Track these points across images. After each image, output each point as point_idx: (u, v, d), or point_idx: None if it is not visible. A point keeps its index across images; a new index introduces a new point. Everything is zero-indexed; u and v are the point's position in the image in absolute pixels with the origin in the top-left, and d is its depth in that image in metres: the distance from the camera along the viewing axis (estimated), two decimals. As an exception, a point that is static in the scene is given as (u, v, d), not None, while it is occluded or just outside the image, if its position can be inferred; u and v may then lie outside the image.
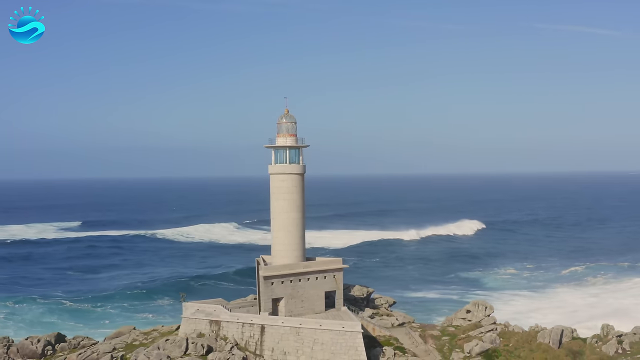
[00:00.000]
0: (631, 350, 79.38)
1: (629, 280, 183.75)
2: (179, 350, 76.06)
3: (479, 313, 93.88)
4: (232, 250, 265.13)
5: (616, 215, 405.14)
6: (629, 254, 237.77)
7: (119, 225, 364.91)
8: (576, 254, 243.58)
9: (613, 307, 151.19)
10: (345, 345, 73.97)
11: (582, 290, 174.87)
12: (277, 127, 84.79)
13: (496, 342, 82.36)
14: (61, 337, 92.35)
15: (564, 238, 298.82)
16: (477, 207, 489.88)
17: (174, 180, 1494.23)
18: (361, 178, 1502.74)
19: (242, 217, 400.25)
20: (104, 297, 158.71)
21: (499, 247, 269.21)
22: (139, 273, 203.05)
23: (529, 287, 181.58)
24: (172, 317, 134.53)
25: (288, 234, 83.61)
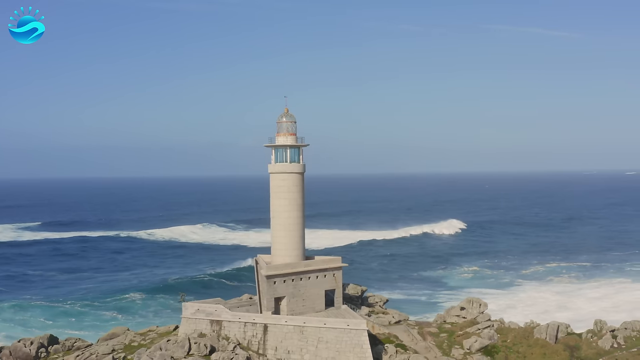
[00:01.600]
0: (626, 344, 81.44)
1: (594, 281, 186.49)
2: (182, 351, 75.49)
3: (473, 310, 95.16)
4: (216, 250, 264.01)
5: (576, 215, 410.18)
6: (589, 253, 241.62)
7: (101, 225, 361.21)
8: (538, 253, 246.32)
9: (583, 305, 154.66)
10: (351, 343, 74.30)
11: (548, 289, 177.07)
12: (277, 126, 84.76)
13: (494, 338, 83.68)
14: (54, 339, 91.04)
15: (526, 237, 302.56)
16: (437, 207, 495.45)
17: (146, 179, 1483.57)
18: (311, 178, 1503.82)
19: (224, 217, 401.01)
20: (87, 298, 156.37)
21: (464, 246, 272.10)
22: (124, 274, 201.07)
23: (496, 286, 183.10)
24: (160, 317, 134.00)
25: (289, 233, 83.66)
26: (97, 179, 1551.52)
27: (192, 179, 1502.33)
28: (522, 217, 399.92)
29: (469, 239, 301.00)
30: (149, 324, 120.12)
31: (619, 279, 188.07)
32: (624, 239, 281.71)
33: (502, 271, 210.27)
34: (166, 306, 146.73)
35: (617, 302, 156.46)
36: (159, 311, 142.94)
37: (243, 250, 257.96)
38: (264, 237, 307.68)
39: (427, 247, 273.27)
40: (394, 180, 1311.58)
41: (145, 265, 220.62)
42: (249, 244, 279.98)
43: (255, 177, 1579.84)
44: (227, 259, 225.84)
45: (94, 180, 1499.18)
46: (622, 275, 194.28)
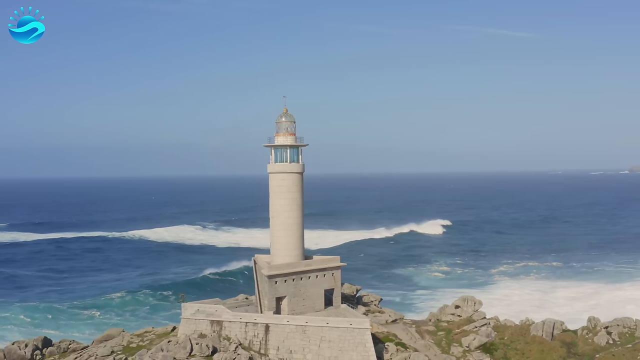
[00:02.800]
0: (620, 340, 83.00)
1: (565, 280, 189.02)
2: (184, 352, 75.09)
3: (468, 308, 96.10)
4: (205, 251, 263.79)
5: (548, 216, 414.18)
6: (558, 253, 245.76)
7: (86, 226, 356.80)
8: (507, 253, 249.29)
9: (557, 303, 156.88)
10: (354, 342, 74.62)
11: (521, 288, 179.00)
12: (276, 126, 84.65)
13: (492, 335, 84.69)
14: (48, 341, 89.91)
15: (498, 237, 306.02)
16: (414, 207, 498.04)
17: (112, 179, 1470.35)
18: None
19: (207, 217, 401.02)
20: (75, 300, 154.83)
21: (437, 245, 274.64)
22: (110, 276, 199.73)
23: (469, 285, 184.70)
24: (153, 318, 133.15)
25: (289, 233, 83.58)
26: (71, 179, 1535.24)
27: (158, 179, 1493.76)
28: (492, 217, 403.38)
29: (442, 238, 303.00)
30: (142, 325, 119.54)
31: (591, 278, 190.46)
32: (594, 240, 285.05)
33: (472, 269, 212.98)
34: (158, 307, 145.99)
35: (591, 301, 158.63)
36: (151, 312, 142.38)
37: (233, 250, 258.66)
38: (253, 236, 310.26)
39: (400, 246, 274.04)
40: (360, 180, 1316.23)
41: (132, 266, 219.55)
42: (239, 244, 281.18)
43: (226, 177, 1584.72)
44: (217, 260, 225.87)
45: (67, 180, 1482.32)
46: (593, 275, 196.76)
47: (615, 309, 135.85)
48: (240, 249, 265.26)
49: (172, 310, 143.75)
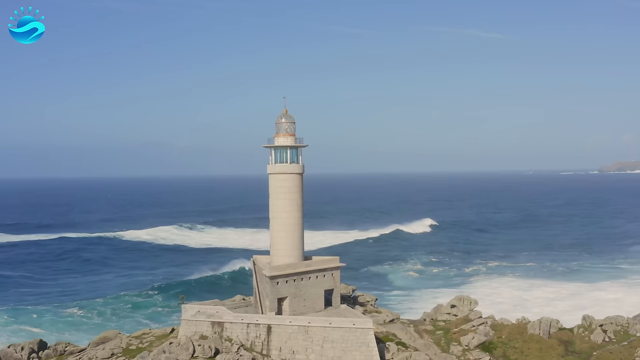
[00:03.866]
0: (616, 338, 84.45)
1: (540, 280, 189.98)
2: (187, 354, 74.81)
3: (464, 308, 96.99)
4: (196, 252, 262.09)
5: (526, 216, 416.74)
6: (530, 252, 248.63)
7: (72, 227, 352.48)
8: (482, 252, 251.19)
9: (536, 303, 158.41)
10: (357, 342, 74.94)
11: (497, 287, 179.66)
12: (276, 127, 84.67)
13: (490, 334, 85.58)
14: (43, 344, 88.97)
15: (474, 237, 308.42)
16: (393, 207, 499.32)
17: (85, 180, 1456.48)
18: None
19: (193, 218, 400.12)
20: (65, 301, 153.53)
21: (411, 246, 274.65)
22: (99, 277, 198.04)
23: (444, 285, 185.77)
24: (146, 320, 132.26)
25: (289, 234, 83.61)
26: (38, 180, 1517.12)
27: (125, 180, 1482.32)
28: (469, 217, 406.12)
29: (423, 238, 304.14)
30: (132, 326, 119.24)
31: (569, 278, 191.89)
32: (567, 240, 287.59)
33: (446, 268, 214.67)
34: (145, 308, 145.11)
35: (573, 301, 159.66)
36: (144, 314, 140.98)
37: (223, 251, 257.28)
38: (242, 237, 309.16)
39: (379, 246, 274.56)
40: (326, 180, 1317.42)
41: (117, 268, 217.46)
42: (229, 245, 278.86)
43: (199, 178, 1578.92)
44: (209, 260, 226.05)
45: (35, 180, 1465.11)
46: (571, 275, 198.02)
47: (599, 309, 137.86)
48: (222, 249, 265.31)
49: (163, 311, 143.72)
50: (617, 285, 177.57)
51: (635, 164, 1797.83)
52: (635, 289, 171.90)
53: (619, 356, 78.02)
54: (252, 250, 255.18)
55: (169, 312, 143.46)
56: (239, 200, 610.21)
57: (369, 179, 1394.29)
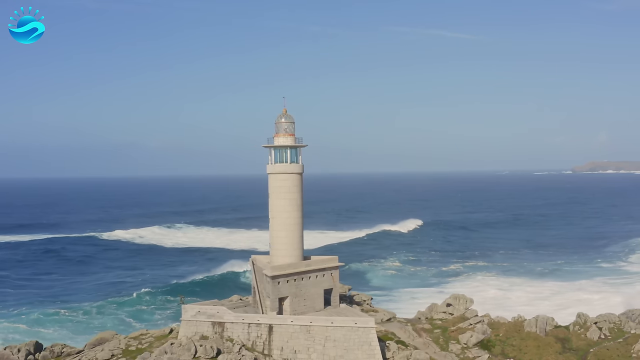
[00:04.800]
0: (611, 335, 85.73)
1: (517, 279, 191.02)
2: (189, 354, 74.62)
3: (459, 306, 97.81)
4: (188, 252, 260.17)
5: (498, 216, 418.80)
6: (506, 251, 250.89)
7: (41, 228, 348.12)
8: (455, 252, 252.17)
9: (519, 302, 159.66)
10: (359, 341, 75.27)
11: (476, 287, 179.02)
12: (276, 127, 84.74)
13: (487, 332, 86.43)
14: (39, 346, 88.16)
15: (450, 237, 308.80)
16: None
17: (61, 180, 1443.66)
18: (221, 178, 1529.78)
19: (182, 218, 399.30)
20: (55, 303, 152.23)
21: (390, 245, 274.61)
22: (89, 277, 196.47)
23: (421, 285, 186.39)
24: (140, 321, 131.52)
25: (290, 233, 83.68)
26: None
27: (100, 180, 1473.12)
28: (446, 217, 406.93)
29: (394, 238, 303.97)
30: (126, 328, 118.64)
31: (548, 277, 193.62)
32: (543, 240, 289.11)
33: (424, 268, 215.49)
34: (142, 310, 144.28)
35: (555, 300, 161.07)
36: (132, 315, 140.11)
37: (214, 252, 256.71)
38: (229, 237, 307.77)
39: (358, 246, 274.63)
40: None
41: (108, 268, 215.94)
42: (219, 245, 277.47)
43: (172, 178, 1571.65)
44: (200, 261, 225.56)
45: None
46: (550, 275, 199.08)
47: (584, 308, 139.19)
48: (200, 249, 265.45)
49: (148, 309, 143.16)
50: (598, 284, 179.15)
51: (607, 164, 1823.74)
52: (615, 288, 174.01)
53: (616, 353, 79.23)
54: (229, 250, 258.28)
55: (157, 312, 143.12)
56: (219, 200, 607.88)
57: (340, 179, 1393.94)
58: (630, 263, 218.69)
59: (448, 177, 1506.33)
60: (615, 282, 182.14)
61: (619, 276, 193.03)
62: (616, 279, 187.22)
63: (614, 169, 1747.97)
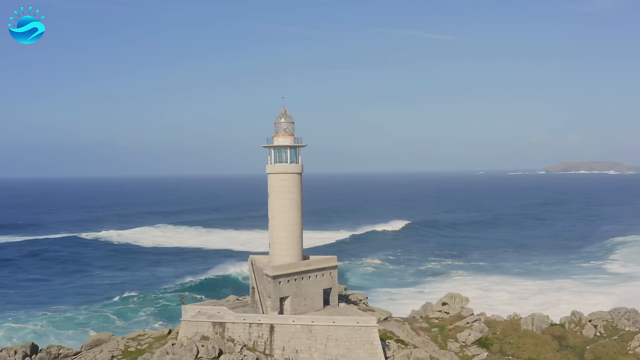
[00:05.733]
0: (606, 332, 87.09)
1: (496, 278, 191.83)
2: (191, 354, 74.36)
3: (455, 305, 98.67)
4: (181, 253, 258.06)
5: (468, 216, 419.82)
6: (482, 251, 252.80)
7: (39, 228, 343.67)
8: (433, 251, 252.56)
9: (501, 301, 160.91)
10: (361, 340, 75.63)
11: (456, 286, 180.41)
12: (275, 127, 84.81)
13: (485, 331, 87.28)
14: (35, 348, 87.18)
15: (429, 236, 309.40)
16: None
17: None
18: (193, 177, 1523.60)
19: (171, 218, 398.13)
20: (46, 304, 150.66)
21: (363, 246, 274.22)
22: (84, 278, 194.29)
23: (400, 284, 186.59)
24: (114, 323, 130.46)
25: (290, 233, 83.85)
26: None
27: (72, 180, 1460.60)
28: (427, 217, 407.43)
29: (372, 238, 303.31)
30: (116, 329, 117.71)
31: (526, 276, 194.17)
32: (520, 240, 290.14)
33: (402, 266, 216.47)
34: (136, 311, 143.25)
35: (536, 299, 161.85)
36: (124, 315, 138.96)
37: (206, 252, 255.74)
38: (206, 237, 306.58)
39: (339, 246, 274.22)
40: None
41: (96, 269, 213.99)
42: (210, 246, 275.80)
43: (145, 178, 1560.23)
44: (195, 262, 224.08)
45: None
46: (528, 274, 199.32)
47: (565, 307, 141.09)
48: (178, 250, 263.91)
49: (133, 306, 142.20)
50: (577, 284, 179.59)
51: (580, 164, 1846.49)
52: (596, 288, 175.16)
53: (612, 350, 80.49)
54: (205, 250, 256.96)
55: (142, 312, 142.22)
56: (199, 201, 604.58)
57: (315, 179, 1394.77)
58: (608, 262, 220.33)
59: (423, 177, 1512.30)
60: (595, 282, 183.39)
61: (597, 275, 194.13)
62: (596, 279, 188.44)
63: (586, 169, 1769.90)
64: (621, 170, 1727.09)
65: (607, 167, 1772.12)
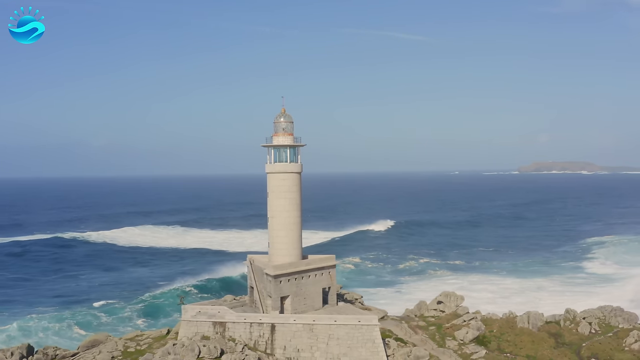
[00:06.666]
0: (601, 330, 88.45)
1: (473, 276, 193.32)
2: (193, 354, 74.13)
3: (450, 304, 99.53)
4: (175, 253, 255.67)
5: (444, 216, 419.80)
6: (459, 250, 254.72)
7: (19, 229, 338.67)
8: (411, 251, 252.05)
9: (483, 300, 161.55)
10: (362, 339, 76.00)
11: (435, 285, 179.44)
12: (274, 126, 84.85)
13: (482, 329, 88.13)
14: (31, 349, 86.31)
15: (401, 236, 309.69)
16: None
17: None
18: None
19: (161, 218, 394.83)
20: (40, 305, 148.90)
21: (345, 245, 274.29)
22: (68, 279, 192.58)
23: (378, 284, 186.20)
24: (107, 324, 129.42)
25: (289, 233, 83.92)
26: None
27: (48, 180, 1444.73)
28: (400, 217, 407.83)
29: (353, 238, 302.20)
30: (112, 329, 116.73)
31: (506, 275, 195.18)
32: (497, 240, 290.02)
33: (381, 264, 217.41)
34: (122, 310, 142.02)
35: (518, 298, 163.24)
36: (118, 316, 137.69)
37: (200, 252, 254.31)
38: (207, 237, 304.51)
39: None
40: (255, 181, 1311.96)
41: (81, 270, 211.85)
42: (204, 246, 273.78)
43: (122, 178, 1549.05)
44: (188, 262, 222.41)
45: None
46: (502, 274, 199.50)
47: (547, 307, 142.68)
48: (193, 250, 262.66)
49: (132, 313, 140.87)
50: (556, 283, 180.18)
51: (552, 164, 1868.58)
52: (575, 287, 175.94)
53: (608, 346, 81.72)
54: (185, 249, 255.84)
55: (135, 314, 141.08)
56: (178, 201, 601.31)
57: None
58: (587, 262, 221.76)
59: (398, 177, 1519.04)
60: (574, 282, 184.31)
61: (576, 275, 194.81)
62: (574, 279, 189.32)
63: (558, 169, 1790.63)
64: (594, 170, 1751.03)
65: (580, 167, 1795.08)
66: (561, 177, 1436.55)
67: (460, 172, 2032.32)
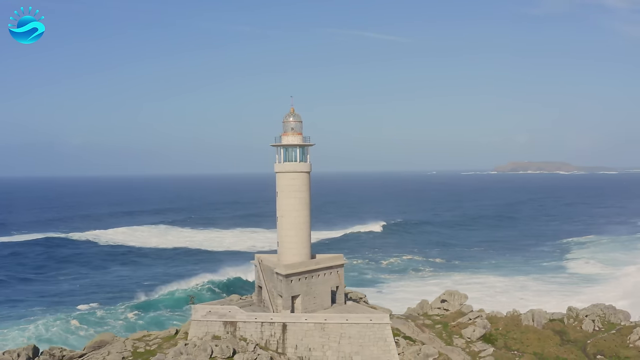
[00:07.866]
0: (604, 327, 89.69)
1: (457, 277, 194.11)
2: (205, 354, 74.09)
3: (454, 302, 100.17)
4: (173, 253, 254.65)
5: (424, 215, 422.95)
6: (440, 248, 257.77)
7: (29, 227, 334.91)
8: (395, 249, 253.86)
9: (471, 300, 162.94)
10: (374, 337, 76.53)
11: (419, 284, 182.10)
12: (283, 126, 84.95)
13: (488, 327, 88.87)
14: (37, 350, 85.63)
15: (385, 235, 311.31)
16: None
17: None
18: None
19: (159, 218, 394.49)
20: (38, 306, 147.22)
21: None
22: (73, 279, 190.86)
23: (361, 284, 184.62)
24: (104, 325, 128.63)
25: (299, 232, 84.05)
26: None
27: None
28: (384, 217, 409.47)
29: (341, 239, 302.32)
30: (119, 330, 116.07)
31: (484, 274, 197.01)
32: (479, 239, 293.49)
33: (366, 261, 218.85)
34: (117, 311, 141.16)
35: (499, 297, 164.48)
36: (114, 317, 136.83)
37: (196, 253, 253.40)
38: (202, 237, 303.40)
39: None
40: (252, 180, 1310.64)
41: (76, 271, 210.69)
42: (200, 246, 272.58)
43: (101, 178, 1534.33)
44: (187, 262, 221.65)
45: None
46: (485, 273, 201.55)
47: (534, 306, 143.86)
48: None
49: (129, 313, 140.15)
50: (539, 283, 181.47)
51: (528, 164, 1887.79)
52: (559, 287, 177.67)
53: (613, 343, 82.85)
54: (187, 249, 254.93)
55: (132, 314, 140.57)
56: (175, 200, 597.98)
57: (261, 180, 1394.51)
58: (568, 262, 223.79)
59: (375, 177, 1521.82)
60: (556, 281, 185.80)
61: (558, 275, 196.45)
62: (556, 278, 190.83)
63: (534, 169, 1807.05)
64: (570, 170, 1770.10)
65: (556, 167, 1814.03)
66: (538, 177, 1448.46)
67: (437, 172, 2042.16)
